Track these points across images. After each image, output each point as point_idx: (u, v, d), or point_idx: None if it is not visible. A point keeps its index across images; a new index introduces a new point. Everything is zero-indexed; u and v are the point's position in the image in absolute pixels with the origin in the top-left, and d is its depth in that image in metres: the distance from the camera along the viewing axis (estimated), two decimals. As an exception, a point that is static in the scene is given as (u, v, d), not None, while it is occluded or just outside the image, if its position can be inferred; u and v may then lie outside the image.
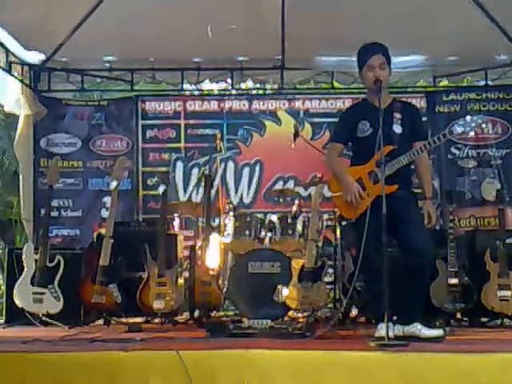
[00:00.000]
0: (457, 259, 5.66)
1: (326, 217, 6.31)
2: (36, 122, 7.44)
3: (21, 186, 7.43)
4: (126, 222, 6.70)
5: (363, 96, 4.63)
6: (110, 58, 7.46)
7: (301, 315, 5.76)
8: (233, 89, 8.02)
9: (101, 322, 5.70)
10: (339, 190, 4.44)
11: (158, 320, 5.74)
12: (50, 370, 3.46)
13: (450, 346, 3.95)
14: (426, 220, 4.32)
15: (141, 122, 7.75)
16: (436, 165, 7.34)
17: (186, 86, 7.95)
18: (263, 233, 5.91)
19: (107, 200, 7.06)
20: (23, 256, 5.77)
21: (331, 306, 5.98)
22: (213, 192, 6.32)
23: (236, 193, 7.63)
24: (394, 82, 7.09)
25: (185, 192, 7.64)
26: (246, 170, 7.66)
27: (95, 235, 6.54)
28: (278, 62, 7.43)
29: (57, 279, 5.68)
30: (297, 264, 5.55)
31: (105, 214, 7.18)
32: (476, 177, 7.40)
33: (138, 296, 5.59)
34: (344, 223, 5.89)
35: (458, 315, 5.81)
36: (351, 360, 3.45)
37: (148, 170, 7.67)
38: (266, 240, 5.88)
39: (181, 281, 5.78)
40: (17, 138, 7.40)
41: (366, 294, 5.02)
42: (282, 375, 3.41)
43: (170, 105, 7.79)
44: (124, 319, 5.77)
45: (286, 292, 5.42)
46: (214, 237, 5.94)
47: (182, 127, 7.74)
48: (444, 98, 7.60)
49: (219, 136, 6.53)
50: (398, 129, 4.31)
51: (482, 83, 7.58)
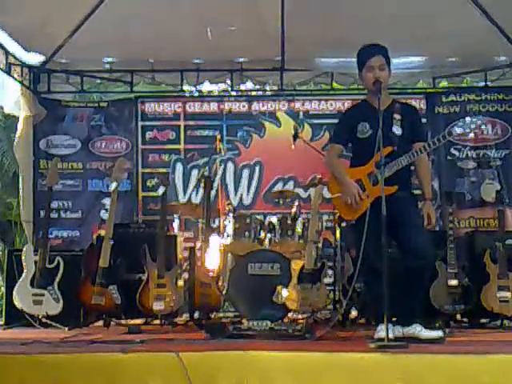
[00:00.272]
0: (456, 260, 5.66)
1: (325, 218, 6.32)
2: (36, 123, 7.44)
3: (20, 187, 7.43)
4: (125, 224, 6.70)
5: (363, 97, 4.63)
6: (110, 60, 7.46)
7: (300, 316, 5.76)
8: (232, 90, 8.01)
9: (100, 323, 5.70)
10: (339, 192, 4.44)
11: (157, 321, 5.73)
12: (50, 372, 3.46)
13: (450, 347, 3.96)
14: (425, 221, 4.33)
15: (140, 124, 7.74)
16: (436, 166, 7.34)
17: (185, 88, 7.93)
18: (263, 234, 5.91)
19: (107, 201, 7.06)
20: (23, 257, 5.78)
21: (331, 307, 5.98)
22: (212, 193, 6.32)
23: (236, 194, 7.61)
24: (393, 83, 7.09)
25: (184, 193, 7.63)
26: (246, 172, 7.65)
27: (95, 237, 6.56)
28: (277, 64, 7.41)
29: (56, 281, 5.69)
30: (296, 265, 5.55)
31: (104, 215, 7.17)
32: (476, 178, 7.39)
33: (137, 297, 5.58)
34: (344, 224, 5.87)
35: (458, 316, 5.80)
36: (351, 361, 3.45)
37: (148, 171, 7.66)
38: (266, 241, 5.88)
39: (180, 282, 5.78)
40: (16, 139, 7.40)
41: (366, 296, 5.02)
42: (282, 376, 3.41)
43: (170, 106, 7.78)
44: (124, 321, 5.77)
45: (285, 293, 5.42)
46: (214, 238, 5.94)
47: (182, 128, 7.73)
48: (443, 99, 7.59)
49: (219, 137, 6.54)
50: (397, 130, 4.31)
51: (482, 84, 7.57)
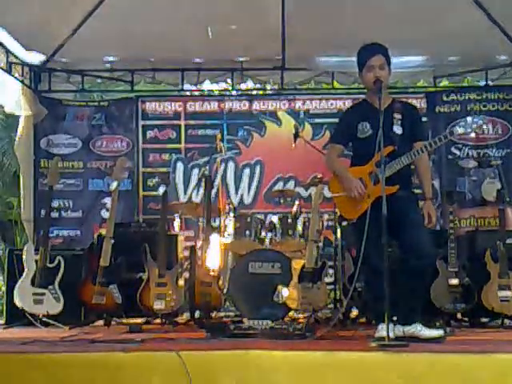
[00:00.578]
0: (457, 259, 5.66)
1: (326, 217, 6.32)
2: (36, 122, 7.44)
3: (21, 186, 7.44)
4: (126, 223, 6.70)
5: (363, 96, 4.62)
6: (111, 59, 7.46)
7: (301, 316, 5.76)
8: (233, 89, 8.02)
9: (101, 322, 5.70)
10: (339, 191, 4.44)
11: (158, 321, 5.73)
12: (51, 371, 3.46)
13: (451, 346, 3.95)
14: (426, 220, 4.32)
15: (141, 123, 7.74)
16: (436, 165, 7.34)
17: (186, 87, 7.94)
18: (263, 233, 5.91)
19: (107, 201, 7.07)
20: (23, 257, 5.77)
21: (331, 306, 5.99)
22: (213, 192, 6.33)
23: (236, 193, 7.62)
24: (394, 83, 7.10)
25: (185, 192, 7.63)
26: (247, 171, 7.65)
27: (95, 236, 6.57)
28: (278, 63, 7.41)
29: (57, 280, 5.69)
30: (297, 264, 5.55)
31: (105, 214, 7.18)
32: (476, 177, 7.39)
33: (138, 297, 5.59)
34: (344, 224, 5.87)
35: (459, 315, 5.80)
36: (352, 360, 3.45)
37: (148, 170, 7.67)
38: (267, 240, 5.88)
39: (181, 281, 5.78)
40: (17, 138, 7.41)
41: (367, 295, 5.01)
42: (283, 376, 3.42)
43: (171, 105, 7.78)
44: (124, 320, 5.76)
45: (286, 292, 5.42)
46: (215, 237, 5.94)
47: (183, 128, 7.73)
48: (444, 98, 7.59)
49: (219, 136, 6.53)
50: (398, 129, 4.30)
51: (483, 83, 7.58)
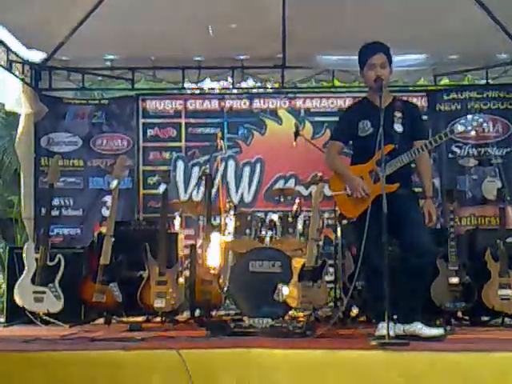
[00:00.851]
0: (457, 258, 5.66)
1: (326, 216, 6.32)
2: (37, 120, 7.44)
3: (22, 184, 7.44)
4: (126, 221, 6.71)
5: (364, 95, 4.62)
6: (111, 57, 7.46)
7: (301, 314, 5.77)
8: (233, 87, 8.00)
9: (101, 320, 5.70)
10: (340, 189, 4.43)
11: (158, 319, 5.74)
12: (51, 369, 3.46)
13: (451, 344, 3.95)
14: (426, 219, 4.32)
15: (141, 121, 7.74)
16: (437, 163, 7.33)
17: (186, 85, 7.93)
18: (264, 232, 5.91)
19: (108, 199, 7.08)
20: (24, 255, 5.77)
21: (332, 305, 6.00)
22: (213, 191, 6.33)
23: (237, 192, 7.61)
24: (394, 81, 7.09)
25: (185, 191, 7.63)
26: (247, 169, 7.65)
27: (96, 234, 6.56)
28: (278, 61, 7.41)
29: (57, 278, 5.69)
30: (297, 263, 5.55)
31: (105, 212, 7.18)
32: (477, 176, 7.39)
33: (138, 295, 5.59)
34: (345, 222, 5.87)
35: (459, 314, 5.80)
36: (352, 359, 3.45)
37: (149, 168, 7.67)
38: (267, 239, 5.88)
39: (181, 280, 5.79)
40: (17, 136, 7.40)
41: (367, 293, 5.01)
42: (283, 374, 3.42)
43: (171, 103, 7.78)
44: (125, 318, 5.77)
45: (286, 291, 5.42)
46: (215, 236, 5.95)
47: (183, 126, 7.73)
48: (445, 96, 7.59)
49: (220, 135, 6.53)
50: (398, 128, 4.29)
51: (483, 82, 7.56)
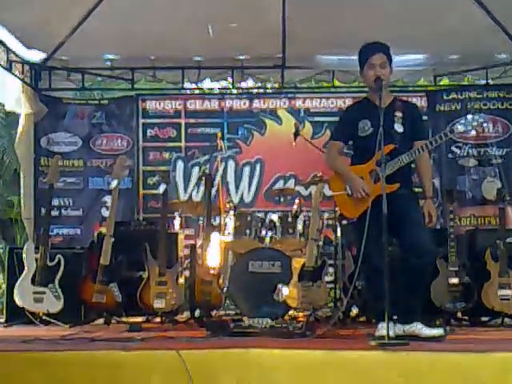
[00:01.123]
0: (457, 258, 5.66)
1: (326, 216, 6.31)
2: (36, 120, 7.44)
3: (21, 185, 7.44)
4: (126, 221, 6.71)
5: (364, 95, 4.62)
6: (111, 57, 7.45)
7: (301, 314, 5.76)
8: (233, 88, 8.01)
9: (101, 321, 5.70)
10: (340, 189, 4.43)
11: (158, 319, 5.75)
12: (51, 370, 3.46)
13: (451, 345, 3.95)
14: (426, 219, 4.31)
15: (141, 121, 7.74)
16: (436, 164, 7.33)
17: (186, 85, 7.94)
18: (264, 232, 5.90)
19: (108, 199, 7.07)
20: (24, 255, 5.77)
21: (331, 305, 5.99)
22: (213, 191, 6.32)
23: (236, 192, 7.61)
24: (394, 81, 7.08)
25: (185, 191, 7.63)
26: (247, 169, 7.65)
27: (96, 234, 6.56)
28: (278, 61, 7.41)
29: (57, 278, 5.69)
30: (297, 263, 5.55)
31: (105, 213, 7.17)
32: (477, 176, 7.39)
33: (138, 295, 5.59)
34: (344, 222, 5.87)
35: (459, 314, 5.79)
36: (352, 359, 3.45)
37: (148, 168, 7.67)
38: (267, 239, 5.87)
39: (181, 280, 5.80)
40: (17, 136, 7.40)
41: (367, 294, 5.01)
42: (283, 374, 3.42)
43: (171, 103, 7.78)
44: (124, 318, 5.78)
45: (286, 291, 5.42)
46: (215, 236, 5.94)
47: (183, 126, 7.73)
48: (445, 96, 7.59)
49: (220, 135, 6.54)
50: (398, 128, 4.30)
51: (483, 82, 7.56)
